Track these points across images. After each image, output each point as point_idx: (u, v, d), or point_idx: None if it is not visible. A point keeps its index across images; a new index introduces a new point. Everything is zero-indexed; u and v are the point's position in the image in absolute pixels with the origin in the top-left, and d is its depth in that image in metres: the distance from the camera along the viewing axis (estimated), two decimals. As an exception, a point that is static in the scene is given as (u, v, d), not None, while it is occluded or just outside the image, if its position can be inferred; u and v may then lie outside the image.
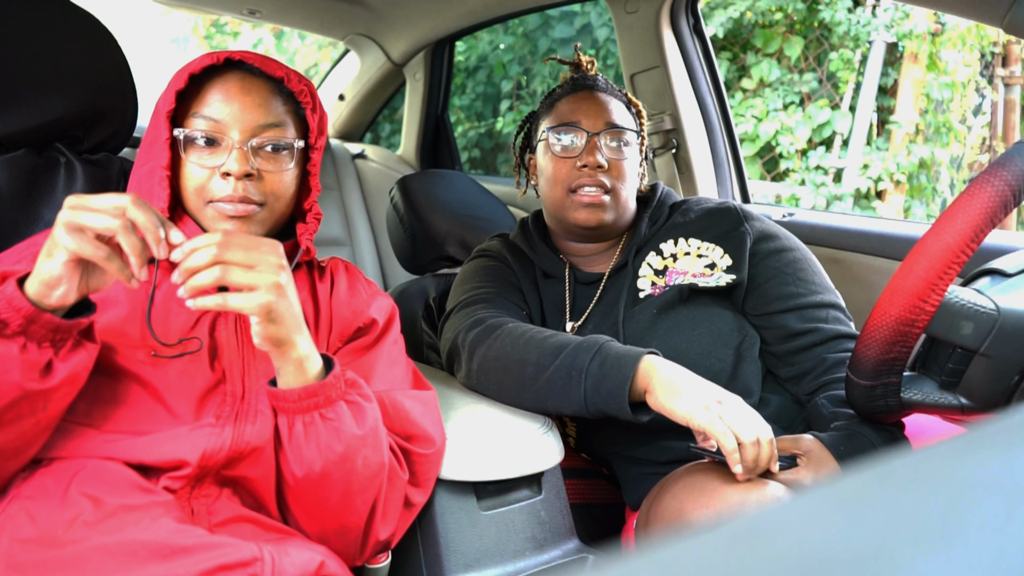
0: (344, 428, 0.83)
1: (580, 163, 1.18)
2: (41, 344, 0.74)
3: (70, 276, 0.73)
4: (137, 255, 0.74)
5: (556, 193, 1.22)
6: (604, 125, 1.19)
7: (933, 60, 3.95)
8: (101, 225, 0.72)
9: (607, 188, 1.18)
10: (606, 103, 1.22)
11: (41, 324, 0.73)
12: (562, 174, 1.20)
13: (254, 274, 0.76)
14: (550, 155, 1.22)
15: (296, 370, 0.81)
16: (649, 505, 1.07)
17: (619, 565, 0.22)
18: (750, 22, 4.17)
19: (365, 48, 2.62)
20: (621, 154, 1.20)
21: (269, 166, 0.91)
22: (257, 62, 0.93)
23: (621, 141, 1.20)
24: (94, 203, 0.73)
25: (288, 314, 0.79)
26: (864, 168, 4.02)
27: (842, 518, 0.22)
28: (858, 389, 0.90)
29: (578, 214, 1.20)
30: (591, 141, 1.18)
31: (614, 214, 1.20)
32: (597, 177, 1.18)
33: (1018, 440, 0.25)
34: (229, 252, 0.76)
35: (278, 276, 0.78)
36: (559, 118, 1.22)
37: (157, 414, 0.85)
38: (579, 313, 1.24)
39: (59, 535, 0.74)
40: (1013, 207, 0.77)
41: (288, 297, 0.79)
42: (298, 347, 0.81)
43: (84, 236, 0.72)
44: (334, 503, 0.86)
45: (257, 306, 0.76)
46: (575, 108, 1.21)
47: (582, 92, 1.23)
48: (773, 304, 1.15)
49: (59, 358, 0.75)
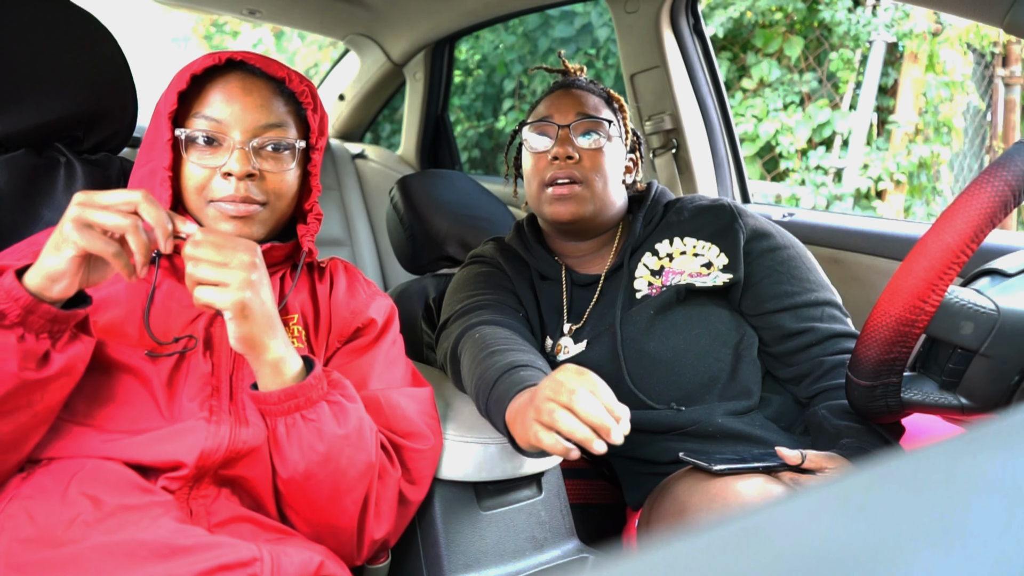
0: (325, 429, 0.84)
1: (551, 155, 1.18)
2: (39, 335, 0.74)
3: (75, 271, 0.74)
4: (143, 253, 0.74)
5: (532, 189, 1.22)
6: (575, 116, 1.19)
7: (932, 61, 3.95)
8: (112, 223, 0.73)
9: (579, 179, 1.18)
10: (580, 97, 1.21)
11: (39, 315, 0.73)
12: (537, 169, 1.21)
13: (225, 271, 0.77)
14: (527, 153, 1.23)
15: (272, 372, 0.82)
16: (651, 505, 1.07)
17: (619, 565, 0.22)
18: (750, 22, 4.17)
19: (365, 48, 2.62)
20: (595, 144, 1.19)
21: (270, 166, 0.91)
22: (258, 62, 0.93)
23: (596, 133, 1.19)
24: (104, 200, 0.74)
25: (260, 312, 0.79)
26: (864, 168, 4.02)
27: (842, 518, 0.22)
28: (858, 389, 0.90)
29: (551, 208, 1.19)
30: (561, 133, 1.18)
31: (591, 207, 1.19)
32: (569, 169, 1.17)
33: (1018, 440, 0.25)
34: (199, 249, 0.78)
35: (249, 274, 0.78)
36: (535, 117, 1.23)
37: (153, 413, 0.86)
38: (577, 315, 1.23)
39: (58, 535, 0.74)
40: (1013, 207, 0.77)
41: (260, 295, 0.80)
42: (272, 349, 0.81)
43: (93, 232, 0.73)
44: (323, 503, 0.87)
45: (229, 302, 0.77)
46: (549, 104, 1.22)
47: (559, 91, 1.24)
48: (768, 304, 1.15)
49: (56, 349, 0.76)
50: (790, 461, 0.94)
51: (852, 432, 1.00)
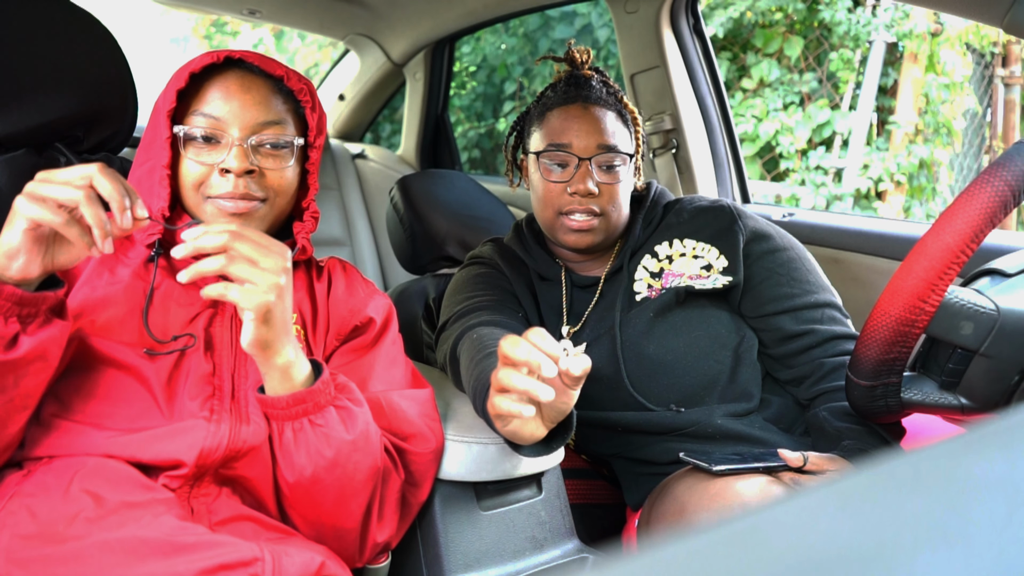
0: (333, 434, 0.83)
1: (571, 189, 1.15)
2: (7, 318, 0.73)
3: (29, 247, 0.73)
4: (100, 226, 0.73)
5: (547, 214, 1.19)
6: (596, 149, 1.14)
7: (932, 61, 3.95)
8: (63, 196, 0.72)
9: (597, 212, 1.16)
10: (599, 119, 1.16)
11: (4, 297, 0.72)
12: (552, 197, 1.17)
13: (257, 271, 0.76)
14: (540, 175, 1.19)
15: (281, 376, 0.82)
16: (651, 505, 1.07)
17: (619, 565, 0.22)
18: (750, 22, 4.17)
19: (365, 48, 2.62)
20: (614, 177, 1.16)
21: (269, 163, 0.91)
22: (257, 61, 0.93)
23: (614, 164, 1.16)
24: (59, 176, 0.73)
25: (281, 318, 0.79)
26: (864, 168, 4.02)
27: (842, 518, 0.22)
28: (858, 389, 0.90)
29: (567, 237, 1.17)
30: (582, 166, 1.14)
31: (604, 235, 1.18)
32: (587, 204, 1.15)
33: (1018, 440, 0.25)
34: (239, 243, 0.76)
35: (279, 278, 0.77)
36: (550, 135, 1.17)
37: (153, 411, 0.86)
38: (576, 317, 1.23)
39: (60, 531, 0.74)
40: (1013, 207, 0.77)
41: (285, 301, 0.79)
42: (284, 353, 0.81)
43: (44, 204, 0.72)
44: (328, 507, 0.86)
45: (255, 303, 0.76)
46: (567, 127, 1.16)
47: (574, 107, 1.17)
48: (767, 306, 1.14)
49: (26, 332, 0.75)
50: (792, 463, 0.94)
51: (853, 434, 1.00)
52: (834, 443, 1.01)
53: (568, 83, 1.22)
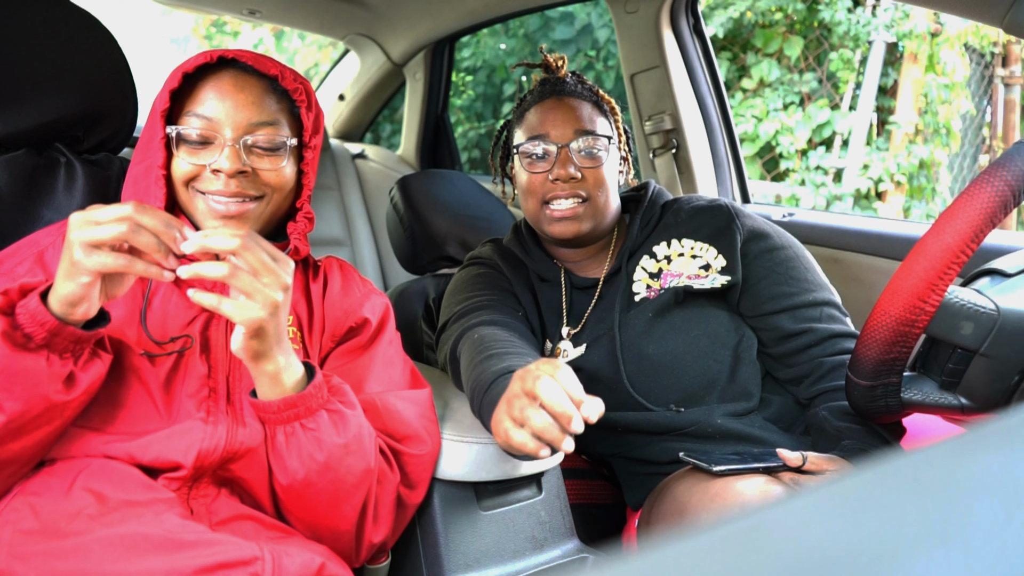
0: (325, 438, 0.83)
1: (552, 176, 1.15)
2: (63, 356, 0.75)
3: (92, 293, 0.74)
4: (154, 250, 0.74)
5: (531, 205, 1.20)
6: (573, 134, 1.16)
7: (932, 61, 3.95)
8: (113, 234, 0.72)
9: (583, 197, 1.16)
10: (575, 108, 1.18)
11: (64, 336, 0.74)
12: (535, 186, 1.18)
13: (258, 284, 0.76)
14: (521, 167, 1.20)
15: (271, 382, 0.81)
16: (651, 505, 1.07)
17: (619, 565, 0.22)
18: (750, 22, 4.17)
19: (365, 48, 2.63)
20: (595, 161, 1.16)
21: (263, 164, 0.91)
22: (251, 60, 0.93)
23: (594, 148, 1.17)
24: (98, 216, 0.73)
25: (274, 333, 0.79)
26: (864, 168, 4.02)
27: (842, 518, 0.22)
28: (858, 389, 0.90)
29: (553, 227, 1.18)
30: (561, 152, 1.15)
31: (591, 223, 1.18)
32: (571, 189, 1.15)
33: (1018, 440, 0.25)
34: (248, 252, 0.76)
35: (278, 295, 0.77)
36: (529, 130, 1.19)
37: (152, 413, 0.86)
38: (576, 318, 1.23)
39: (61, 527, 0.75)
40: (1013, 207, 0.77)
41: (279, 317, 0.79)
42: (275, 361, 0.80)
43: (102, 251, 0.72)
44: (322, 509, 0.87)
45: (248, 319, 0.76)
46: (543, 119, 1.18)
47: (549, 100, 1.19)
48: (766, 305, 1.14)
49: (79, 368, 0.76)
50: (791, 463, 0.94)
51: (853, 434, 1.00)
52: (834, 443, 1.01)
53: (543, 84, 1.25)
